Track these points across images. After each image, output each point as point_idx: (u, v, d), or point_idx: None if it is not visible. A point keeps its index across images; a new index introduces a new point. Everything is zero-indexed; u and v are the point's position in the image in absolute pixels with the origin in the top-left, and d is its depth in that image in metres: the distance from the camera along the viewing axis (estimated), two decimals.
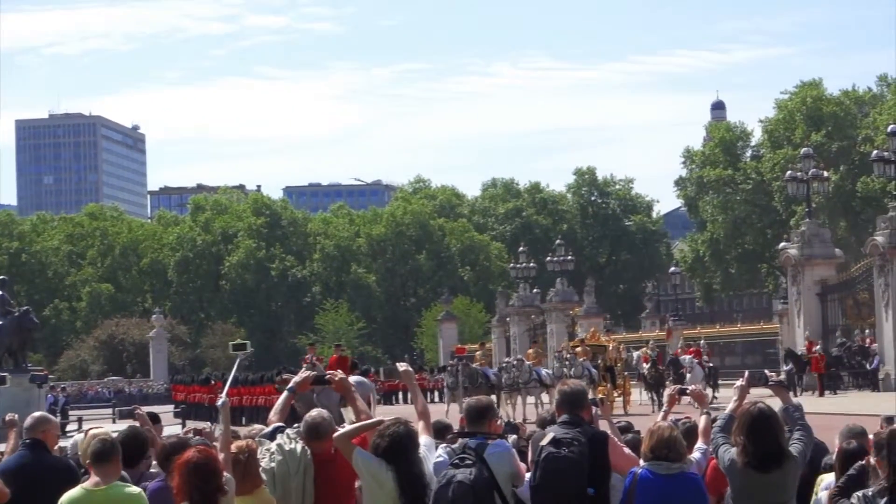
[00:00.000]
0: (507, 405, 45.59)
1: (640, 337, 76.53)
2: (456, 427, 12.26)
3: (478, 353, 51.70)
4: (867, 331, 54.50)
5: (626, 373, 49.82)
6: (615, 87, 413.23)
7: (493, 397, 40.17)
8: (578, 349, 48.68)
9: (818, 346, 52.99)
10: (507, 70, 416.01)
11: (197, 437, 12.16)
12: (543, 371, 47.69)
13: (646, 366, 51.20)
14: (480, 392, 45.69)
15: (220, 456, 9.36)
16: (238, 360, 11.24)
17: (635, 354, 51.56)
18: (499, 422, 11.63)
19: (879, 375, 50.54)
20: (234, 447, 9.77)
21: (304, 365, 42.41)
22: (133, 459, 10.54)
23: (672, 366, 50.35)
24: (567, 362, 45.78)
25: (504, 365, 49.24)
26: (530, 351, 52.84)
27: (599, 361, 47.03)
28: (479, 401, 10.55)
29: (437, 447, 10.11)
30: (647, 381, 51.08)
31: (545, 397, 46.14)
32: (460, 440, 10.00)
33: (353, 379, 42.43)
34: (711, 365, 54.06)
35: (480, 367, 47.27)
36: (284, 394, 11.00)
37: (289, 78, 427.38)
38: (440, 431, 11.50)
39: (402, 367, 11.51)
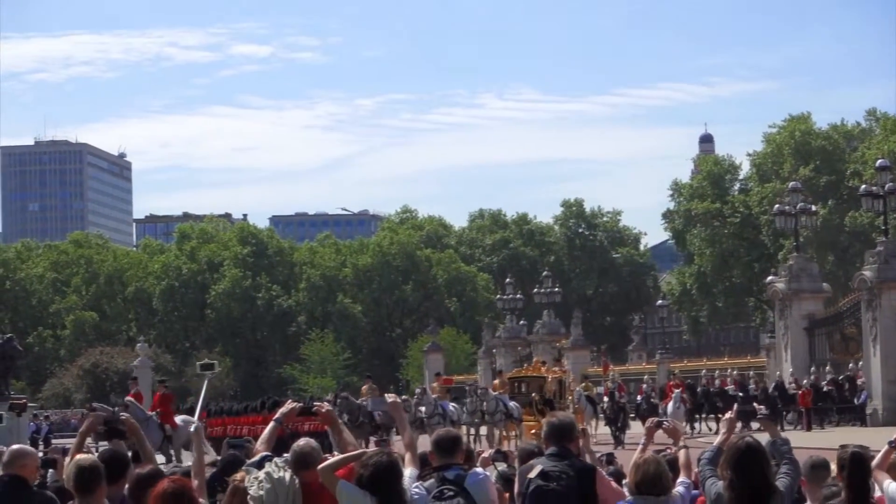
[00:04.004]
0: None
1: (626, 369, 76.56)
2: None
3: (364, 387, 47.90)
4: (850, 365, 54.50)
5: (576, 405, 46.56)
6: (602, 119, 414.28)
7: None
8: (496, 382, 47.25)
9: (805, 381, 52.93)
10: (493, 102, 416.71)
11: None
12: (450, 406, 44.89)
13: (605, 399, 50.30)
14: (363, 430, 40.88)
15: (195, 482, 9.25)
16: (206, 382, 11.15)
17: (577, 390, 49.05)
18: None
19: (867, 410, 50.50)
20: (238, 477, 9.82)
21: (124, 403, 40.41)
22: (115, 478, 10.36)
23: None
24: (478, 396, 43.77)
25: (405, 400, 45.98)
26: (435, 384, 49.81)
27: (534, 395, 44.11)
28: (449, 432, 10.66)
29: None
30: (607, 415, 50.09)
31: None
32: (434, 474, 9.91)
33: (179, 418, 40.84)
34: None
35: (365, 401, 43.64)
36: (272, 424, 11.01)
37: (273, 107, 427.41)
38: (426, 463, 11.43)
39: (389, 398, 11.47)
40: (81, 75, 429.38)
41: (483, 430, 44.80)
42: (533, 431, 41.57)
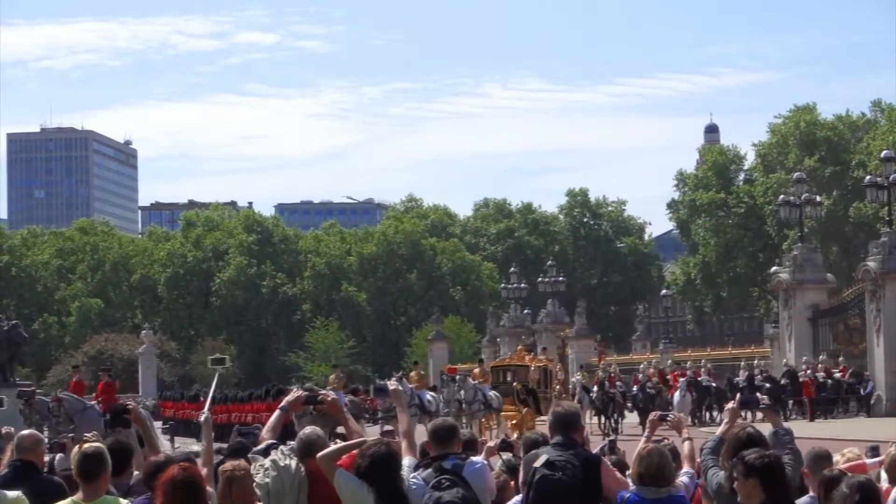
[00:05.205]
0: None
1: (630, 359, 76.50)
2: None
3: (332, 377, 46.28)
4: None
5: (564, 395, 45.11)
6: (607, 109, 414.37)
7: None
8: (476, 370, 46.10)
9: (810, 371, 52.93)
10: (498, 91, 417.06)
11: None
12: (428, 395, 43.35)
13: (595, 389, 49.70)
14: (330, 420, 41.22)
15: (203, 471, 9.27)
16: (217, 375, 11.22)
17: (574, 379, 48.82)
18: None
19: (871, 401, 50.53)
20: (227, 467, 9.75)
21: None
22: (119, 469, 10.41)
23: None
24: (457, 385, 42.47)
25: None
26: (413, 374, 48.41)
27: (515, 384, 43.09)
28: (445, 421, 10.64)
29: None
30: (596, 405, 49.20)
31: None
32: (432, 464, 9.91)
33: None
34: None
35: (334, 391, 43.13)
36: (277, 412, 11.00)
37: (279, 95, 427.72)
38: (425, 453, 11.47)
39: (392, 385, 11.49)
40: (87, 63, 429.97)
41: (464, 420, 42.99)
42: (514, 422, 41.18)
